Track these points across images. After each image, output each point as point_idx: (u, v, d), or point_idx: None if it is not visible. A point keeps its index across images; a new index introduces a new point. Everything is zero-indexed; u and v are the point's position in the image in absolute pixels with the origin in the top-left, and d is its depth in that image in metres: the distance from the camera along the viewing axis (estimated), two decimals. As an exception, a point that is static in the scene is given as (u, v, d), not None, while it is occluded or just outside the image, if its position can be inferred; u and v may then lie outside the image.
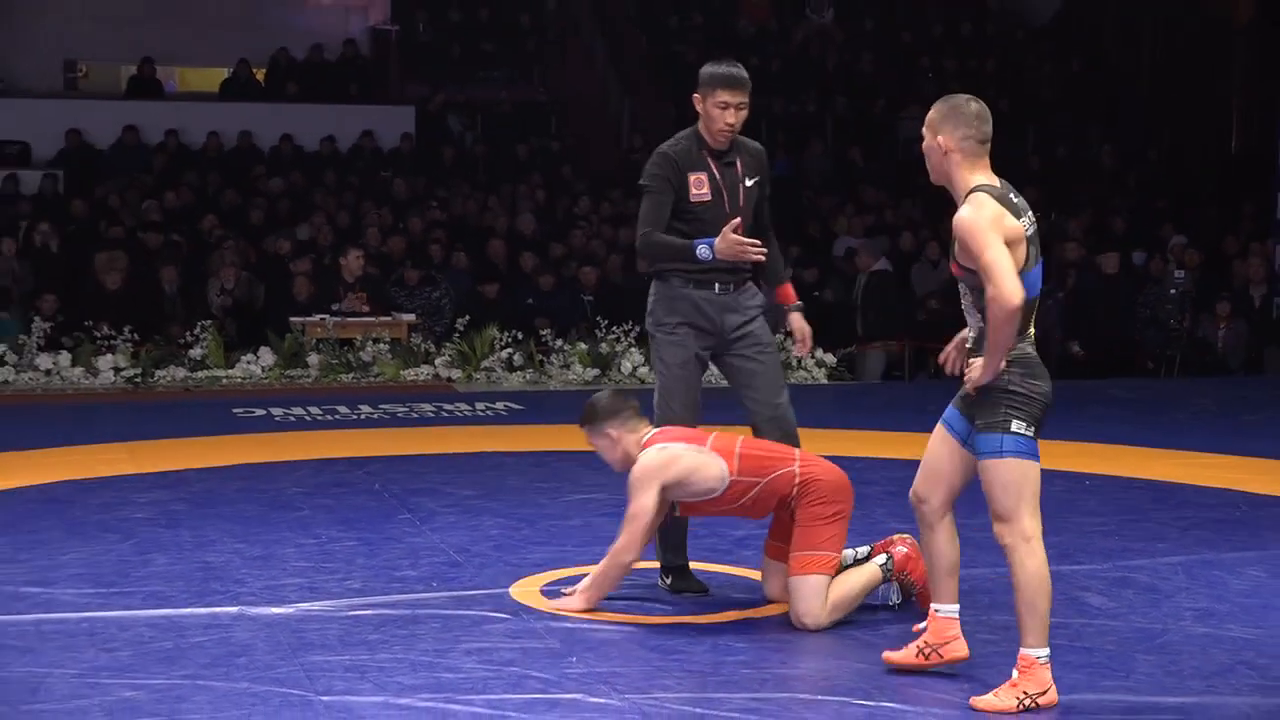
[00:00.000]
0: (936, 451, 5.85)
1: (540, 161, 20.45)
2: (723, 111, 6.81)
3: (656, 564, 7.12)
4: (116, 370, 13.97)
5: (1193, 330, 16.13)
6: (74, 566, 7.44)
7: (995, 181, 5.61)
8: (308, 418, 12.27)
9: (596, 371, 14.48)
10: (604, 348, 14.65)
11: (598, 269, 16.34)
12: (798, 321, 7.08)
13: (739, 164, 6.93)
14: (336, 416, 12.33)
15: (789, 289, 7.22)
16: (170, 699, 5.56)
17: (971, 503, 6.79)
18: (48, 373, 13.93)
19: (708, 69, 6.92)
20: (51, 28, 22.04)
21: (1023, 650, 5.59)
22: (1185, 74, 23.34)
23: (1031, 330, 5.72)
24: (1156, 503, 9.15)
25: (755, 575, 7.18)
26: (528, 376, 14.47)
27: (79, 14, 22.14)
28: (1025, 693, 5.54)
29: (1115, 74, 24.25)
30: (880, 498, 8.91)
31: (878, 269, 16.31)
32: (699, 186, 6.85)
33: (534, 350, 14.63)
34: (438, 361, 14.51)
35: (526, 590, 7.03)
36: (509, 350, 14.56)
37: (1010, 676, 5.58)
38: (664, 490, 6.50)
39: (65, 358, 13.98)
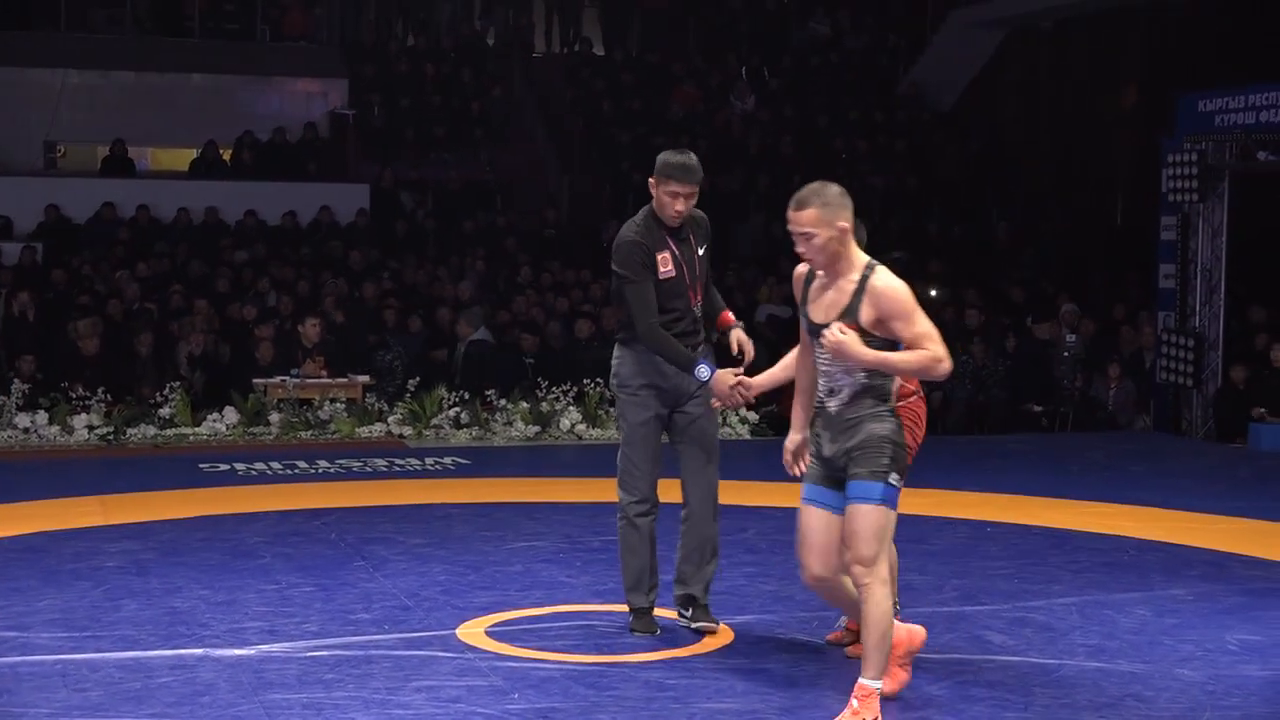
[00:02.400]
0: (820, 529, 5.73)
1: (485, 235, 20.44)
2: (673, 200, 6.79)
3: (597, 607, 7.09)
4: (90, 428, 13.84)
5: (1085, 389, 16.25)
6: (48, 612, 7.35)
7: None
8: (269, 472, 12.19)
9: (537, 428, 14.46)
10: (544, 407, 14.63)
11: (538, 335, 16.34)
12: (738, 335, 7.02)
13: (692, 237, 6.94)
14: (296, 471, 12.24)
15: (726, 314, 7.15)
16: (138, 736, 5.49)
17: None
18: (26, 431, 13.78)
19: (663, 157, 6.84)
20: (34, 113, 21.93)
21: (862, 680, 5.58)
22: (1074, 155, 23.61)
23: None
24: (1052, 548, 9.19)
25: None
26: (473, 433, 14.42)
27: (59, 100, 22.04)
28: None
29: (1011, 155, 24.50)
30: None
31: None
32: (665, 264, 6.83)
33: (479, 409, 14.59)
34: (390, 420, 14.45)
35: (472, 632, 7.00)
36: (456, 409, 14.51)
37: (851, 705, 5.58)
38: None
39: (42, 417, 13.83)
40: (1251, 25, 20.26)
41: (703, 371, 6.68)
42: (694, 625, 6.99)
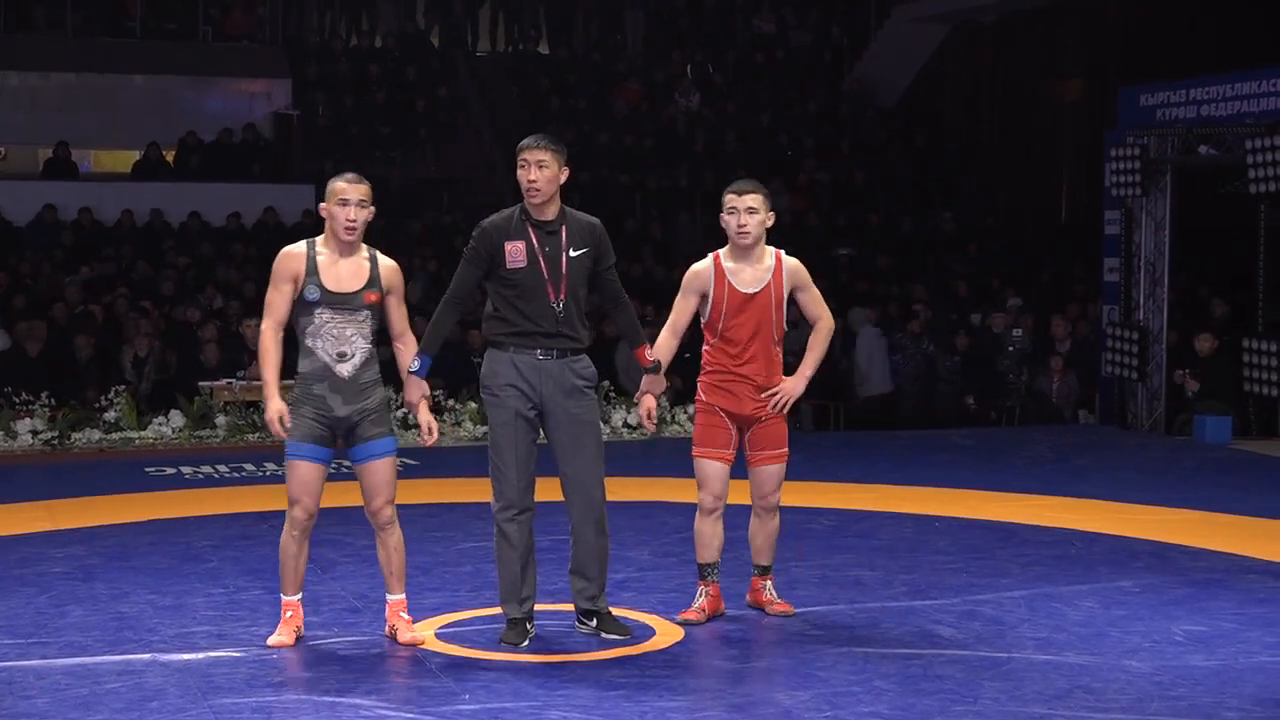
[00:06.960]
0: (316, 482, 7.17)
1: (433, 235, 20.40)
2: (524, 171, 6.74)
3: (546, 606, 7.09)
4: (34, 433, 13.72)
5: (1030, 383, 16.34)
6: (-7, 619, 7.29)
7: None
8: (216, 475, 12.13)
9: (485, 428, 14.39)
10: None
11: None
12: (644, 384, 7.05)
13: (564, 235, 6.78)
14: (243, 474, 12.19)
15: (642, 352, 7.07)
16: (85, 743, 5.46)
17: (828, 546, 6.82)
18: (-31, 436, 13.67)
19: None
20: (-27, 114, 21.78)
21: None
22: (1019, 150, 23.74)
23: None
24: (1000, 542, 9.23)
25: (637, 616, 7.19)
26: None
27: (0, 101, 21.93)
28: None
29: (956, 148, 24.63)
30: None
31: None
32: (515, 254, 6.72)
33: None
34: (338, 421, 14.37)
35: (421, 633, 6.97)
36: (404, 409, 14.46)
37: None
38: None
39: (-14, 422, 13.73)
40: (1192, 19, 20.43)
41: (413, 364, 6.87)
42: (604, 635, 6.84)
